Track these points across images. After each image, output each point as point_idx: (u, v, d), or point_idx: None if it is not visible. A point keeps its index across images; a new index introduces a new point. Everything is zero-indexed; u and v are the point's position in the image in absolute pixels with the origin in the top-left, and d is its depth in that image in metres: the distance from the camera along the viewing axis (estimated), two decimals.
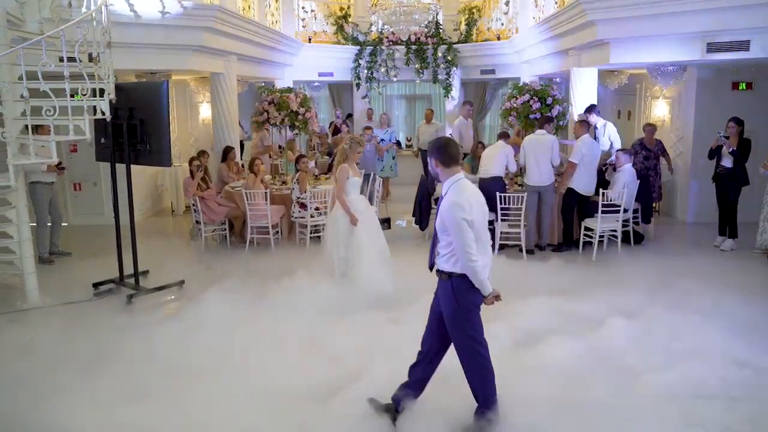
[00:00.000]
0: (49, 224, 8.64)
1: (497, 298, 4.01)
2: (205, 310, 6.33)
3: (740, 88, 10.12)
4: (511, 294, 5.18)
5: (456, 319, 4.00)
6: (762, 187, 8.68)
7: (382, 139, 12.68)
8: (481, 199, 4.01)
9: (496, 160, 8.91)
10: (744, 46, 7.73)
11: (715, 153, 8.71)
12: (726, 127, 8.60)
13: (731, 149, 8.47)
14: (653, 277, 7.55)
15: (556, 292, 6.81)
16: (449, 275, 3.97)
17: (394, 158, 12.98)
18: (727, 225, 8.82)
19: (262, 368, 5.00)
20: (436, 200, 9.82)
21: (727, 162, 8.57)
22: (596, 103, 10.12)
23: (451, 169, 3.97)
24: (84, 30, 6.22)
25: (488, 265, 4.00)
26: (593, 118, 9.69)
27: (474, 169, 9.63)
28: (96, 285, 7.25)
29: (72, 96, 6.24)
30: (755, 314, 6.24)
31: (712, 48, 7.91)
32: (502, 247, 8.79)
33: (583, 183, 8.79)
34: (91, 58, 6.44)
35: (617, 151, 9.24)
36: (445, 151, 3.97)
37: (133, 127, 6.99)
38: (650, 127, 10.00)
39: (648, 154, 9.88)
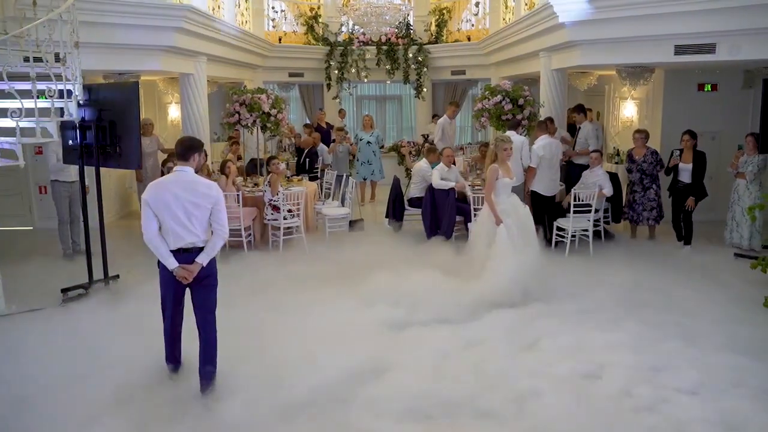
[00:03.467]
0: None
1: (187, 275, 4.55)
2: None
3: (706, 89, 10.34)
4: None
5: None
6: (729, 187, 8.90)
7: (368, 142, 12.53)
8: (184, 193, 4.48)
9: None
10: (710, 49, 7.89)
11: (671, 170, 8.85)
12: (680, 140, 8.76)
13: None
14: (624, 268, 7.82)
15: None
16: None
17: (380, 160, 12.83)
18: (684, 233, 8.89)
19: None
20: (410, 201, 9.84)
21: (685, 177, 8.69)
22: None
23: (180, 162, 4.64)
24: (50, 29, 6.08)
25: (170, 245, 4.52)
26: (579, 118, 10.00)
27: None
28: (64, 290, 7.07)
29: (38, 97, 6.09)
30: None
31: (679, 50, 8.06)
32: None
33: (544, 184, 8.89)
34: (57, 59, 6.30)
35: (594, 151, 9.38)
36: (178, 147, 4.70)
37: (102, 129, 6.86)
38: (638, 135, 9.28)
39: (630, 167, 9.24)
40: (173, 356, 4.95)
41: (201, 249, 4.61)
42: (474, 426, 4.36)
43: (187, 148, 4.66)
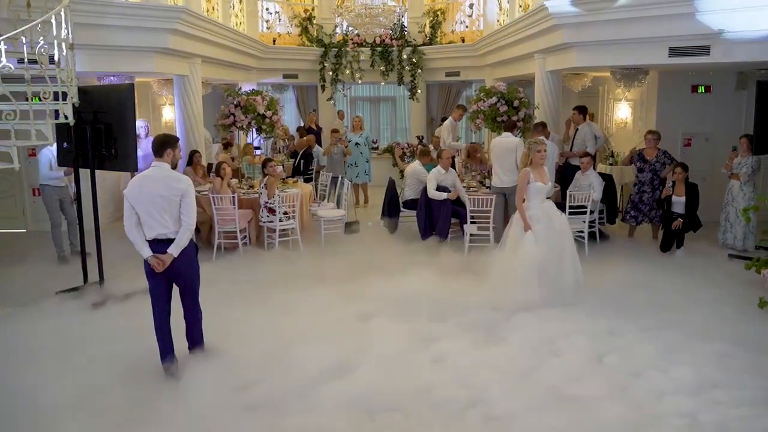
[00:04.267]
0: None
1: (157, 264, 4.84)
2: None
3: (699, 91, 10.39)
4: None
5: None
6: (723, 188, 8.94)
7: (356, 143, 12.49)
8: (156, 188, 4.82)
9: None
10: (704, 50, 7.92)
11: (664, 201, 8.83)
12: (673, 172, 8.80)
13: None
14: (618, 268, 7.86)
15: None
16: None
17: (368, 162, 12.77)
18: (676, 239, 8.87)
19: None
20: (405, 203, 9.84)
21: (678, 209, 8.64)
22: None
23: (156, 158, 5.01)
24: (45, 31, 6.04)
25: (146, 235, 4.89)
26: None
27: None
28: (59, 293, 7.01)
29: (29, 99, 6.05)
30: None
31: (674, 52, 8.09)
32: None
33: None
34: (52, 60, 6.25)
35: (584, 155, 9.40)
36: (153, 144, 5.07)
37: (98, 131, 6.82)
38: (651, 136, 9.22)
39: (642, 166, 9.23)
40: (166, 352, 5.09)
41: (173, 240, 4.90)
42: (427, 418, 4.43)
43: (161, 145, 5.00)
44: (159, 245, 4.89)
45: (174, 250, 4.88)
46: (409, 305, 6.45)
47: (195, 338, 5.20)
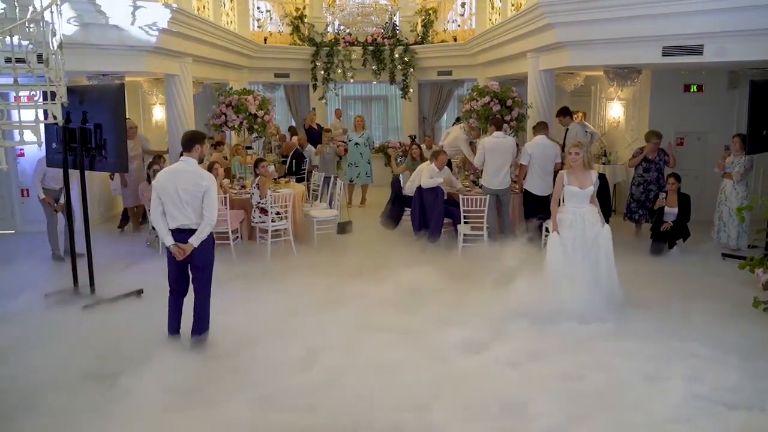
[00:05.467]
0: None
1: (178, 253, 5.24)
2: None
3: (692, 90, 10.40)
4: None
5: None
6: (716, 187, 8.95)
7: (356, 143, 12.39)
8: (180, 182, 5.17)
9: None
10: (698, 50, 7.90)
11: (656, 212, 8.80)
12: (666, 182, 8.81)
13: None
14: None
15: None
16: None
17: (369, 163, 12.63)
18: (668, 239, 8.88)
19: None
20: (406, 197, 9.79)
21: (670, 218, 8.61)
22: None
23: (185, 153, 5.39)
24: (33, 30, 5.94)
25: (169, 225, 5.26)
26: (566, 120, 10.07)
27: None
28: (48, 295, 6.92)
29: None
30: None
31: (667, 51, 8.08)
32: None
33: (536, 184, 8.87)
34: (40, 60, 6.16)
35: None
36: (182, 139, 5.51)
37: (87, 131, 6.72)
38: (656, 141, 9.16)
39: (648, 166, 9.26)
40: (173, 327, 5.52)
41: (195, 231, 5.25)
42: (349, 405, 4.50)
43: (188, 140, 5.39)
44: (181, 234, 5.26)
45: (195, 241, 5.24)
46: (391, 304, 6.48)
47: (201, 325, 5.45)
